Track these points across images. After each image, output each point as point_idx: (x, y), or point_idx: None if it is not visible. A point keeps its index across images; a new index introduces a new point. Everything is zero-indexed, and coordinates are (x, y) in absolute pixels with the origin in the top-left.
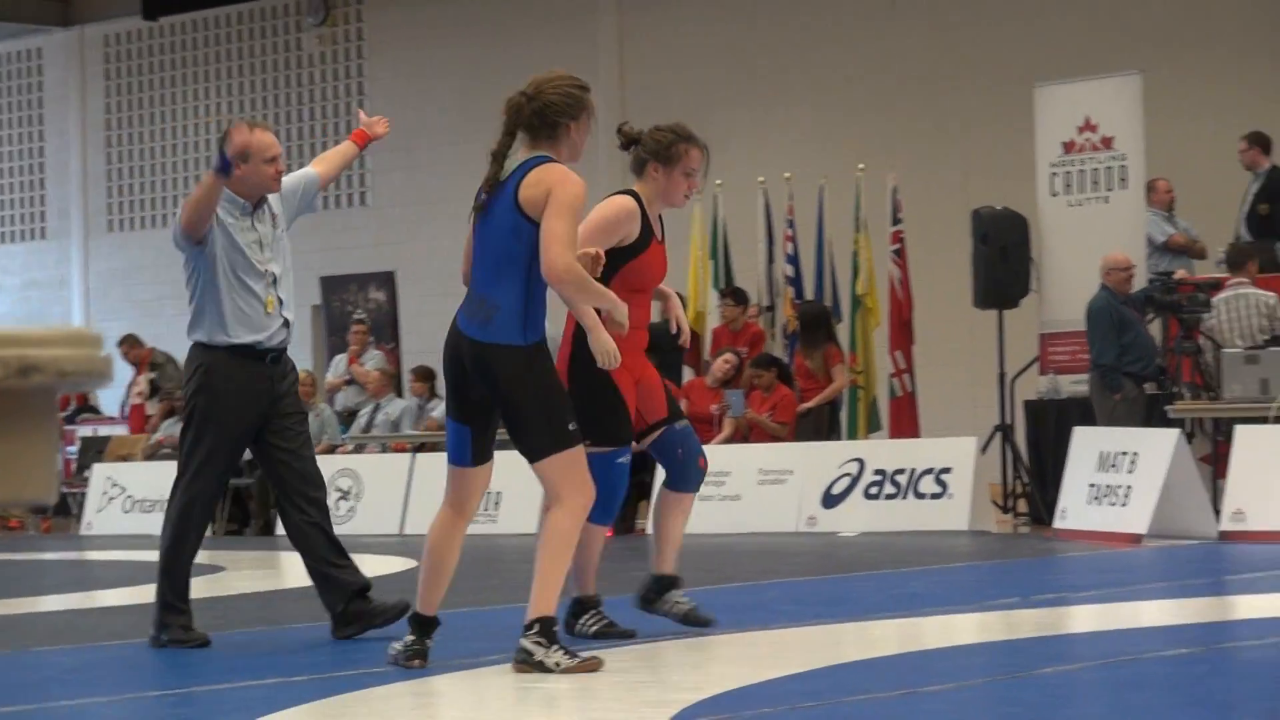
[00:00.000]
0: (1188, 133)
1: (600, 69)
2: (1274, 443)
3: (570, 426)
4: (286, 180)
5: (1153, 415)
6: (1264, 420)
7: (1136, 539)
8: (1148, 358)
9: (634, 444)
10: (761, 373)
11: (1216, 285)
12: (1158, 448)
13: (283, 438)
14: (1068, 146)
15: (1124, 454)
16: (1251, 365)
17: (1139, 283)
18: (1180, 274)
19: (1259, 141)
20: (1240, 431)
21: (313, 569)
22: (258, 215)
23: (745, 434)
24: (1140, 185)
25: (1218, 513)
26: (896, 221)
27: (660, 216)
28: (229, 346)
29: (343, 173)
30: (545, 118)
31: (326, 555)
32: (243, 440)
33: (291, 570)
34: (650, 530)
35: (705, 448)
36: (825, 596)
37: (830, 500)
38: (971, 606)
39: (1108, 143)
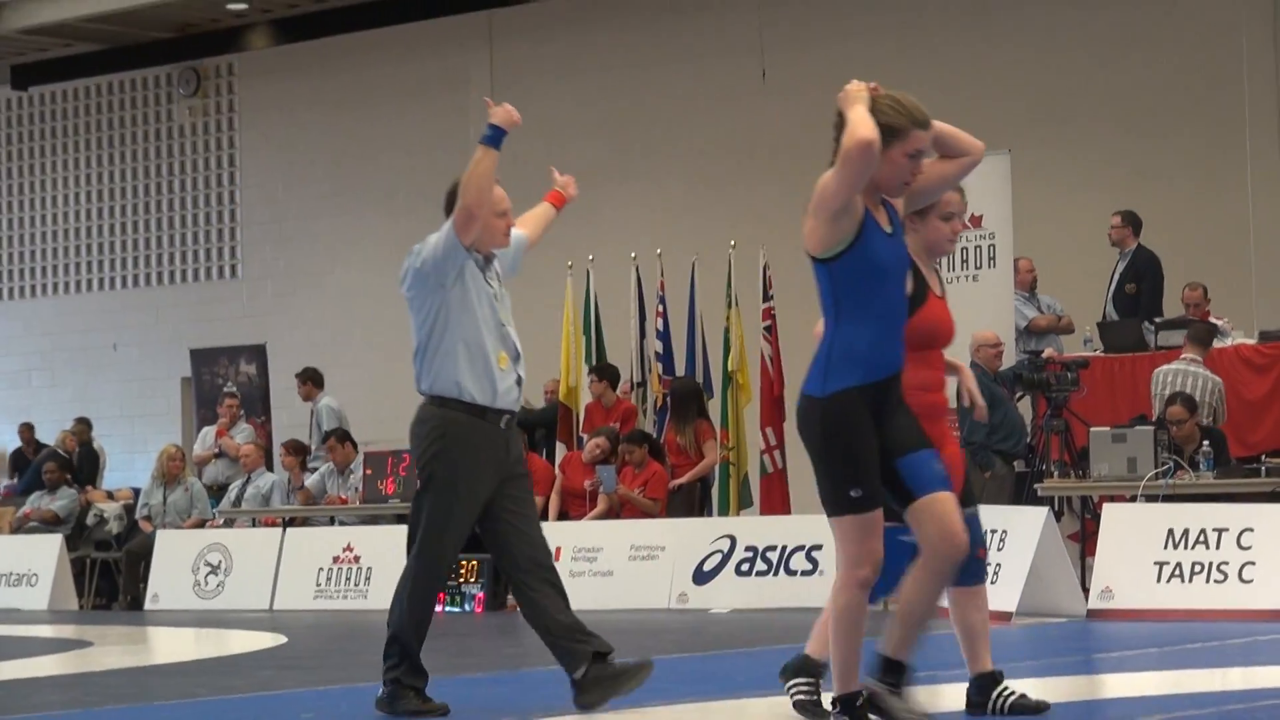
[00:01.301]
0: (1056, 211)
1: (471, 141)
2: (1141, 521)
3: (852, 493)
4: None
5: (1022, 493)
6: (1132, 498)
7: (1006, 617)
8: (1017, 435)
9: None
10: (633, 449)
11: (1085, 364)
12: (1027, 525)
13: (517, 504)
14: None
15: (993, 532)
16: (1119, 444)
17: (1008, 360)
18: (1049, 353)
19: (1131, 220)
20: (1108, 509)
21: (552, 644)
22: (489, 271)
23: (617, 510)
24: (1009, 263)
25: (1086, 591)
26: (768, 298)
27: (938, 273)
28: (469, 405)
29: (544, 235)
30: None
31: (568, 626)
32: (479, 508)
33: (161, 645)
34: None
35: (578, 523)
36: (696, 674)
37: (701, 577)
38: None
39: (977, 221)
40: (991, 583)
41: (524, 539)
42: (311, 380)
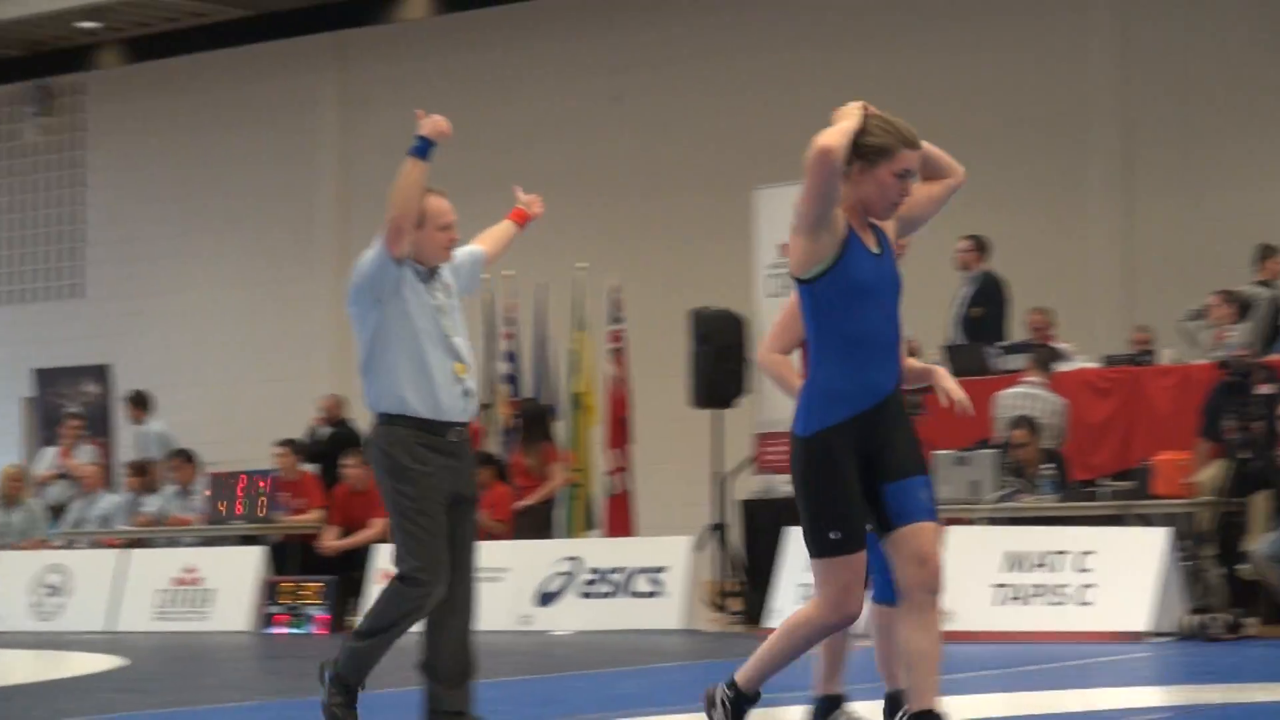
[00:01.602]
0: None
1: (320, 162)
2: (983, 544)
3: (831, 535)
4: (457, 253)
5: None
6: (973, 521)
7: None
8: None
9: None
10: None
11: (929, 388)
12: None
13: (458, 538)
14: (785, 249)
15: None
16: (962, 467)
17: None
18: None
19: (980, 245)
20: (950, 532)
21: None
22: (434, 284)
23: None
24: None
25: None
26: (616, 320)
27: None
28: (416, 420)
29: (505, 252)
30: None
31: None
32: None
33: None
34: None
35: None
36: (539, 697)
37: (546, 599)
38: (683, 707)
39: None
40: None
41: (455, 563)
42: (140, 404)
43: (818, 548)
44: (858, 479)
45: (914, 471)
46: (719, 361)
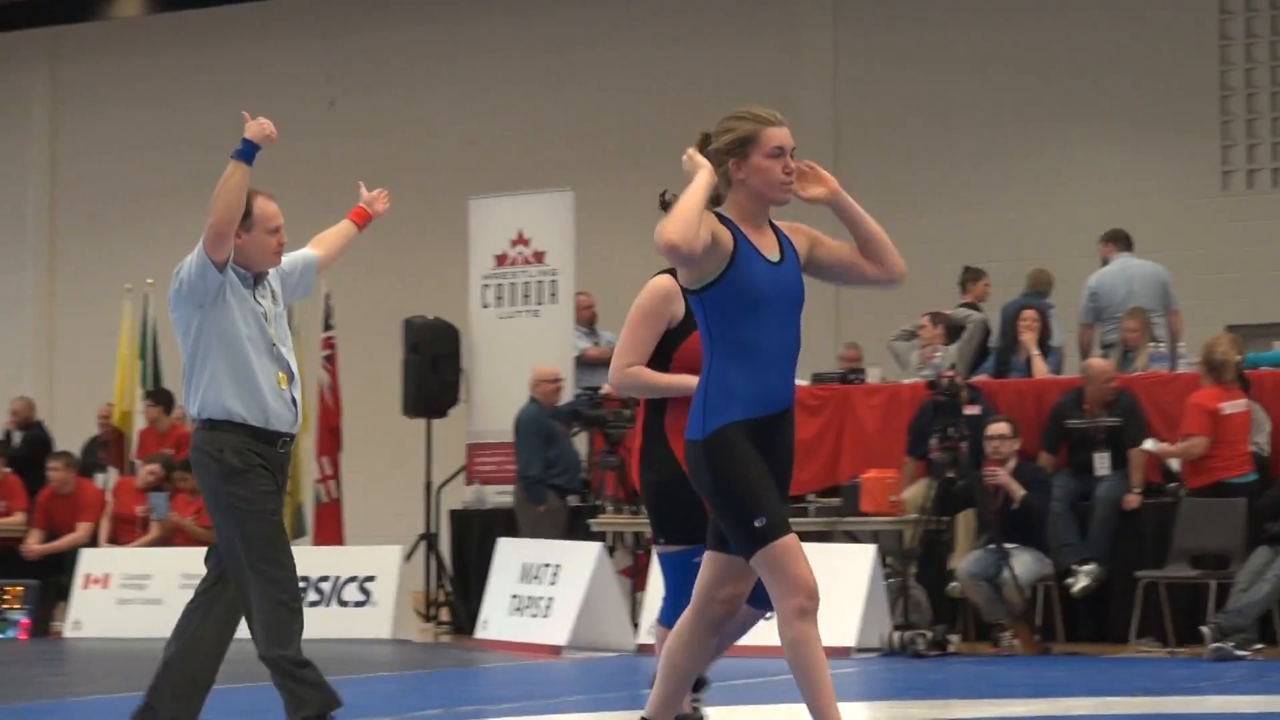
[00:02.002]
0: (619, 248)
1: (29, 160)
2: None
3: (756, 524)
4: (284, 259)
5: (575, 528)
6: None
7: (556, 650)
8: (572, 470)
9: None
10: (187, 475)
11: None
12: (580, 560)
13: None
14: (500, 259)
15: (546, 566)
16: None
17: (566, 396)
18: (606, 389)
19: None
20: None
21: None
22: (259, 289)
23: (169, 537)
24: (570, 299)
25: (636, 626)
26: (328, 327)
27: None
28: (241, 426)
29: (343, 255)
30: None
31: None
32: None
33: None
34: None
35: (128, 550)
36: (244, 706)
37: None
38: (391, 717)
39: (540, 257)
40: (544, 616)
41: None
42: None
43: (749, 541)
44: (765, 465)
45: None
46: (431, 371)
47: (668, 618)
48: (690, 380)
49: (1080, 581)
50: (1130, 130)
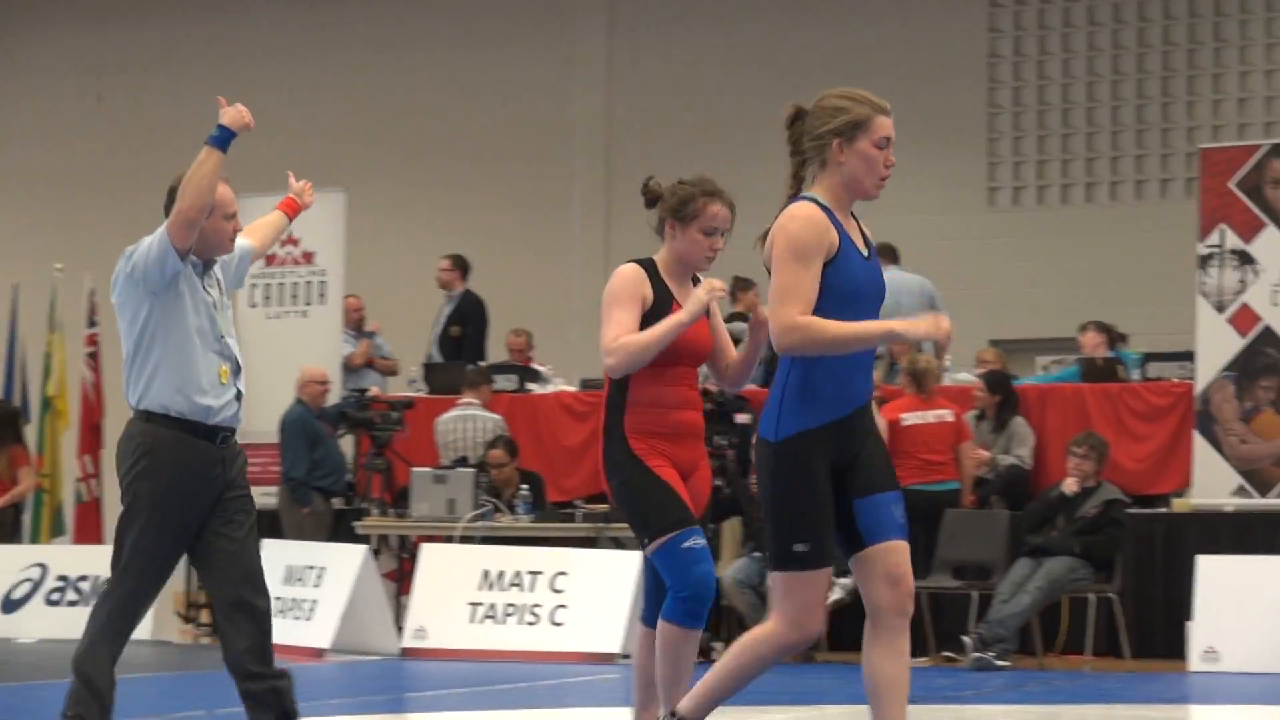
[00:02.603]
0: (389, 251)
1: None
2: (458, 561)
3: (797, 547)
4: None
5: (340, 530)
6: (449, 539)
7: (319, 653)
8: (338, 473)
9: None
10: None
11: (410, 404)
12: (344, 563)
13: (229, 526)
14: (269, 259)
15: (310, 568)
16: (439, 484)
17: (334, 397)
18: (374, 391)
19: (460, 264)
20: (426, 549)
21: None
22: (208, 279)
23: None
24: (339, 301)
25: (400, 629)
26: (92, 324)
27: (696, 280)
28: (179, 421)
29: (273, 246)
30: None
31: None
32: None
33: None
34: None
35: None
36: (1, 706)
37: (10, 605)
38: (154, 718)
39: (309, 257)
40: (308, 619)
41: (232, 562)
42: None
43: (782, 560)
44: (830, 490)
45: (887, 486)
46: None
47: (671, 612)
48: (681, 316)
49: (833, 594)
50: (899, 145)
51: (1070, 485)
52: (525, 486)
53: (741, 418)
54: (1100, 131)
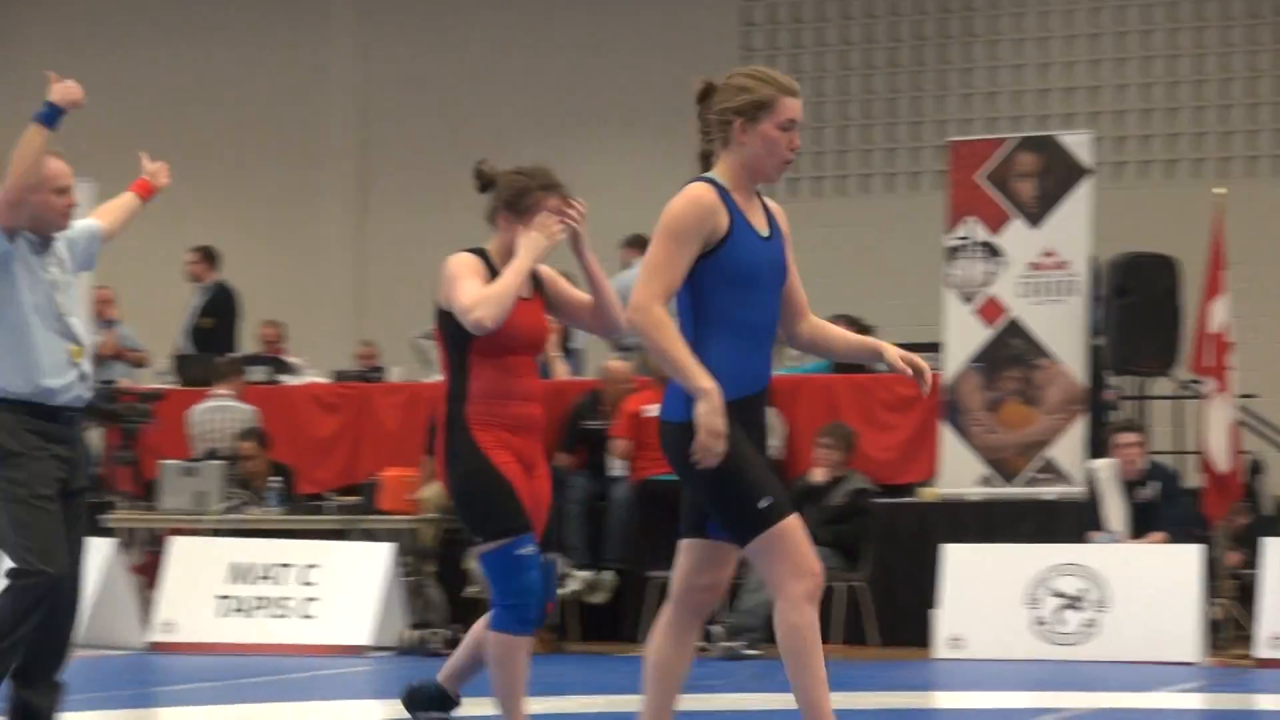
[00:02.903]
0: (139, 242)
1: None
2: (207, 554)
3: (760, 505)
4: (73, 226)
5: (88, 524)
6: (199, 532)
7: None
8: (85, 465)
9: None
10: None
11: (159, 396)
12: (92, 557)
13: (71, 523)
14: None
15: None
16: (190, 477)
17: None
18: (124, 383)
19: (209, 256)
20: (174, 543)
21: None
22: (47, 257)
23: None
24: (87, 292)
25: (147, 623)
26: None
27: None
28: (21, 403)
29: (126, 228)
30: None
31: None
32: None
33: None
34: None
35: None
36: None
37: None
38: None
39: None
40: None
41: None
42: None
43: (752, 524)
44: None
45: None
46: None
47: (499, 621)
48: (523, 261)
49: (598, 597)
50: (651, 139)
51: (818, 475)
52: (276, 478)
53: None
54: (852, 125)
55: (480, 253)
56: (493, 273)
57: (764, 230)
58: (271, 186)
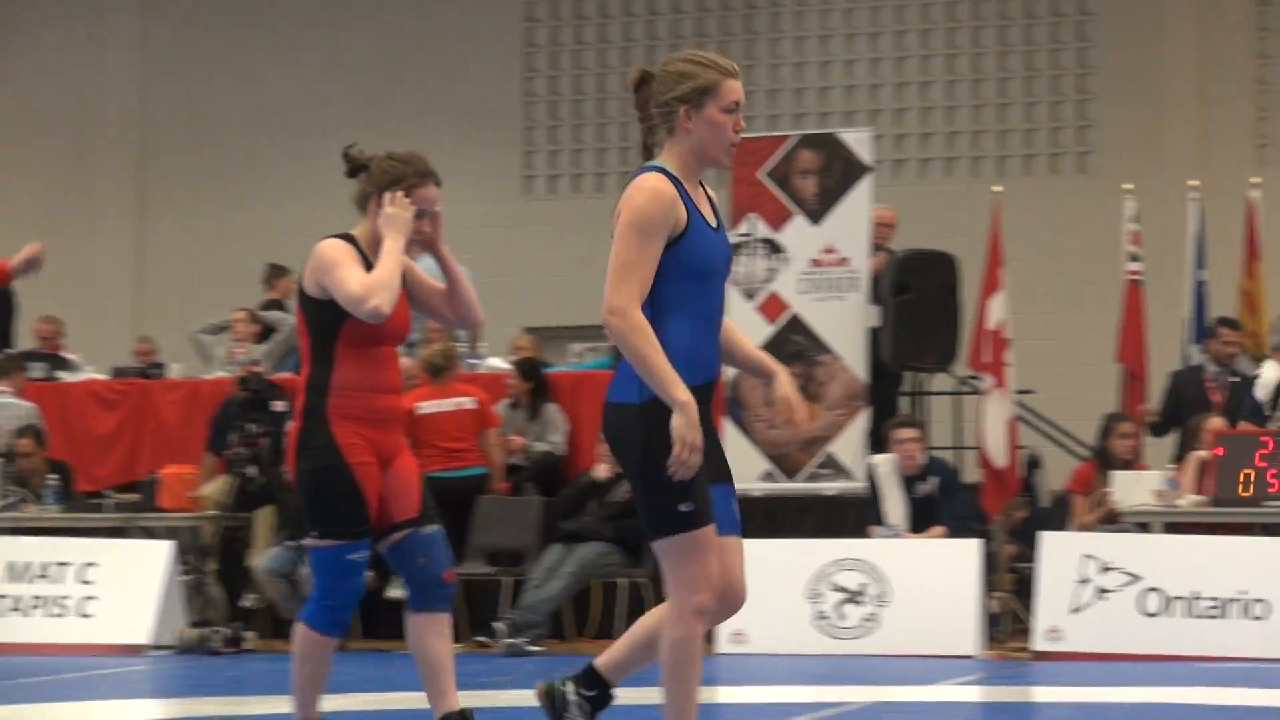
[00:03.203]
0: None
1: None
2: None
3: (682, 508)
4: None
5: None
6: None
7: None
8: None
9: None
10: None
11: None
12: None
13: None
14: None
15: None
16: None
17: None
18: None
19: None
20: None
21: None
22: None
23: None
24: None
25: None
26: None
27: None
28: None
29: None
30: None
31: None
32: None
33: None
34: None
35: None
36: None
37: None
38: None
39: None
40: None
41: None
42: None
43: (666, 524)
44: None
45: (723, 478)
46: None
47: (312, 617)
48: (393, 243)
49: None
50: (436, 133)
51: (601, 471)
52: (54, 476)
53: (277, 405)
54: (634, 121)
55: (348, 238)
56: (364, 258)
57: (712, 220)
58: (47, 180)
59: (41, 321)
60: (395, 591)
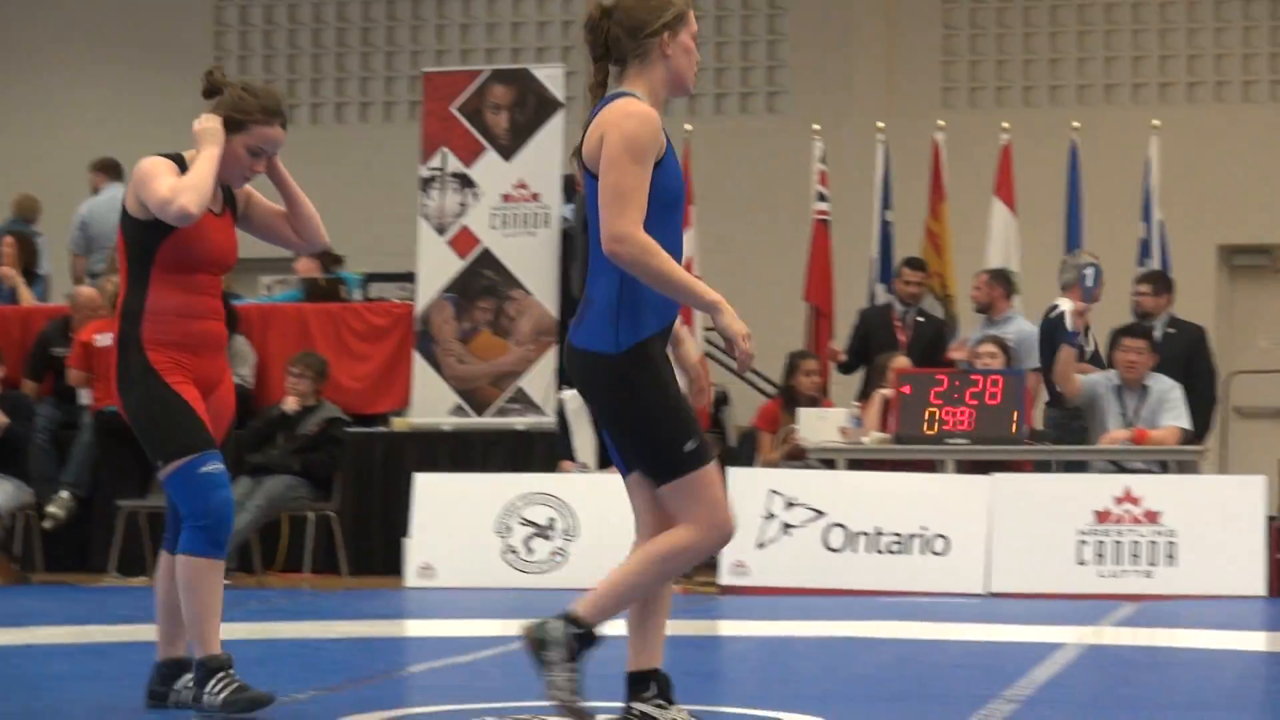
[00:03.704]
0: None
1: None
2: None
3: (687, 448)
4: None
5: None
6: None
7: None
8: None
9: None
10: None
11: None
12: None
13: None
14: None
15: None
16: None
17: None
18: None
19: None
20: None
21: None
22: None
23: None
24: None
25: None
26: None
27: (227, 188)
28: None
29: None
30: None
31: None
32: None
33: None
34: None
35: None
36: None
37: None
38: None
39: None
40: None
41: None
42: None
43: (675, 465)
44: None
45: None
46: None
47: (191, 543)
48: (212, 150)
49: (54, 511)
50: (125, 63)
51: (290, 404)
52: None
53: None
54: (326, 53)
55: (176, 156)
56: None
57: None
58: None
59: None
60: (51, 517)
